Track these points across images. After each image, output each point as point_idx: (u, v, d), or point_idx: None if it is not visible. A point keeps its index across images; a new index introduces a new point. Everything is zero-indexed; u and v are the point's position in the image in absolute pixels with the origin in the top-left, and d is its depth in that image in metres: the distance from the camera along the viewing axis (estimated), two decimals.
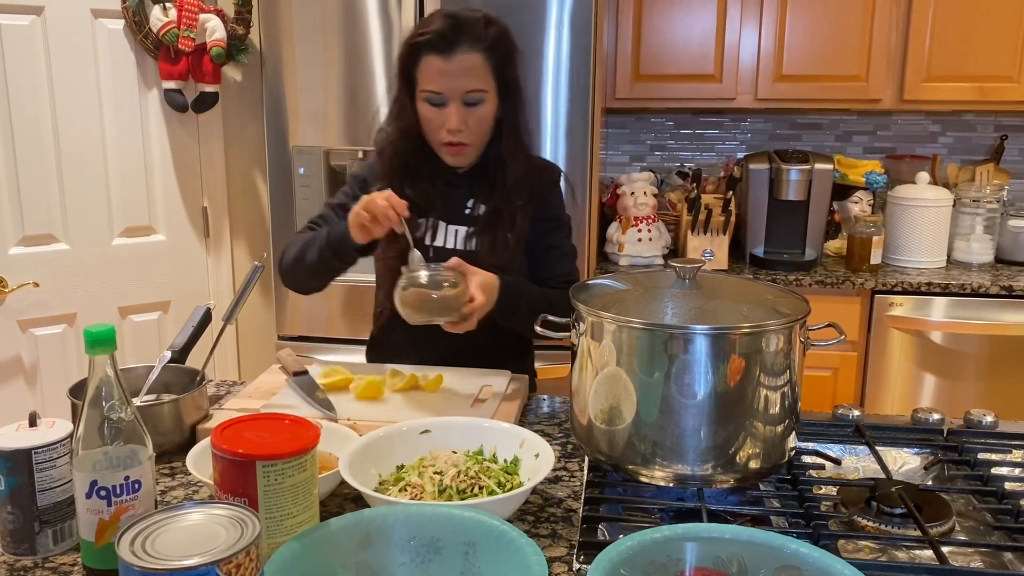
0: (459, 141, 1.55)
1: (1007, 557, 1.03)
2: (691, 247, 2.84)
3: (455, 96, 1.52)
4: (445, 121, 1.53)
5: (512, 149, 1.60)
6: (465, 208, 1.64)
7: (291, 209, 2.64)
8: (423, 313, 1.40)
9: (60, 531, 1.01)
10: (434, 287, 1.38)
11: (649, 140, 3.36)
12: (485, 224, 1.61)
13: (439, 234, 1.64)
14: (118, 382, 0.94)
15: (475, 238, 1.61)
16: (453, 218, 1.64)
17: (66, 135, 2.54)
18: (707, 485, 1.13)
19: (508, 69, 1.56)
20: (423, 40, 1.51)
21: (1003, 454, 1.29)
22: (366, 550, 0.89)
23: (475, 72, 1.51)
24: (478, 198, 1.63)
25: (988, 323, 2.65)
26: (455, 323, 1.42)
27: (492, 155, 1.62)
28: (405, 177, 1.60)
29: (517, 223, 1.60)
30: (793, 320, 1.10)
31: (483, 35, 1.51)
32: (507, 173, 1.60)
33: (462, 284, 1.41)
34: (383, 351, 1.74)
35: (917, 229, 2.84)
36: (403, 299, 1.40)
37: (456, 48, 1.49)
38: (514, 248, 1.60)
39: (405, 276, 1.40)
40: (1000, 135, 3.16)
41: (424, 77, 1.53)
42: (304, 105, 2.59)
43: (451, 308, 1.40)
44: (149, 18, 2.59)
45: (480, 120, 1.55)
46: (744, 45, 2.88)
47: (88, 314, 2.64)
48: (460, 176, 1.64)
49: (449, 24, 1.50)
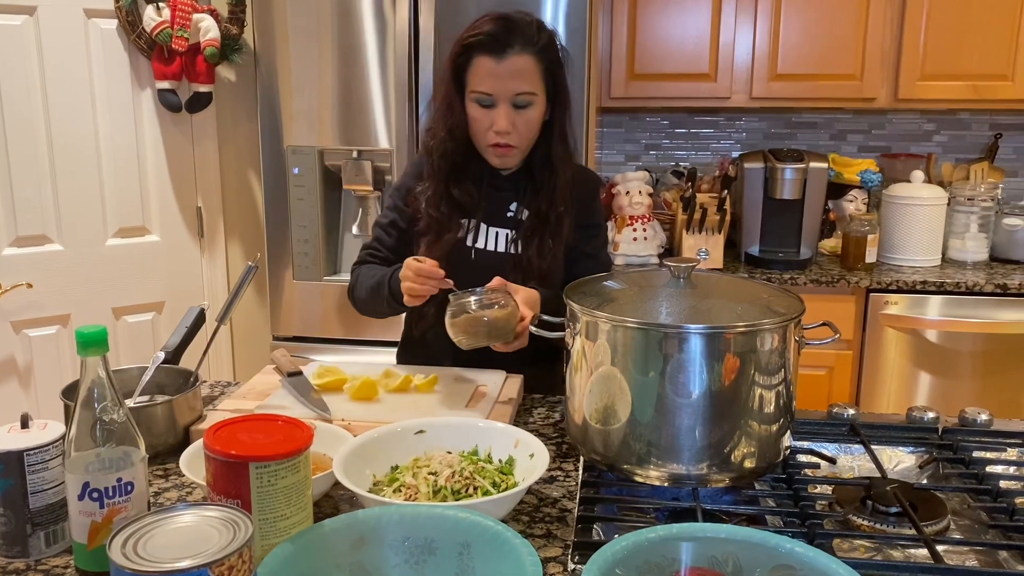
0: (506, 143, 1.55)
1: (1002, 555, 1.03)
2: (686, 246, 2.84)
3: (505, 98, 1.52)
4: (493, 122, 1.53)
5: (561, 154, 1.61)
6: (508, 211, 1.64)
7: (285, 209, 2.64)
8: (477, 338, 1.39)
9: (52, 533, 1.00)
10: (485, 310, 1.38)
11: (644, 139, 3.36)
12: (531, 228, 1.61)
13: (480, 236, 1.64)
14: (110, 383, 0.94)
15: (521, 242, 1.61)
16: (496, 220, 1.64)
17: (59, 135, 2.53)
18: (702, 484, 1.12)
19: (558, 73, 1.57)
20: (475, 40, 1.51)
21: (998, 452, 1.30)
22: (360, 551, 0.89)
23: (526, 74, 1.52)
24: (521, 202, 1.64)
25: (983, 321, 2.65)
26: (508, 343, 1.41)
27: (537, 158, 1.62)
28: (451, 177, 1.61)
29: (563, 228, 1.61)
30: (788, 319, 1.10)
31: (535, 38, 1.52)
32: (556, 178, 1.60)
33: (511, 304, 1.40)
34: (415, 351, 1.73)
35: (912, 228, 2.84)
36: (455, 326, 1.39)
37: (508, 50, 1.50)
38: (559, 254, 1.61)
39: (453, 303, 1.39)
40: (994, 134, 3.16)
41: (475, 78, 1.53)
42: (298, 105, 2.58)
43: (504, 330, 1.39)
44: (142, 18, 2.58)
45: (528, 123, 1.55)
46: (739, 44, 2.88)
47: (82, 315, 2.64)
48: (504, 179, 1.65)
49: (502, 25, 1.50)
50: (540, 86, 1.54)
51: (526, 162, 1.63)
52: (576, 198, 1.64)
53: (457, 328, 1.39)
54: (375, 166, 2.57)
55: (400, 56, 2.47)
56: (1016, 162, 3.20)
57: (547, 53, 1.54)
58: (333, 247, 2.67)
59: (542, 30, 1.54)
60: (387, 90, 2.52)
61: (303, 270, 2.65)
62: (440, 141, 1.60)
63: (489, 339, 1.40)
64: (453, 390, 1.48)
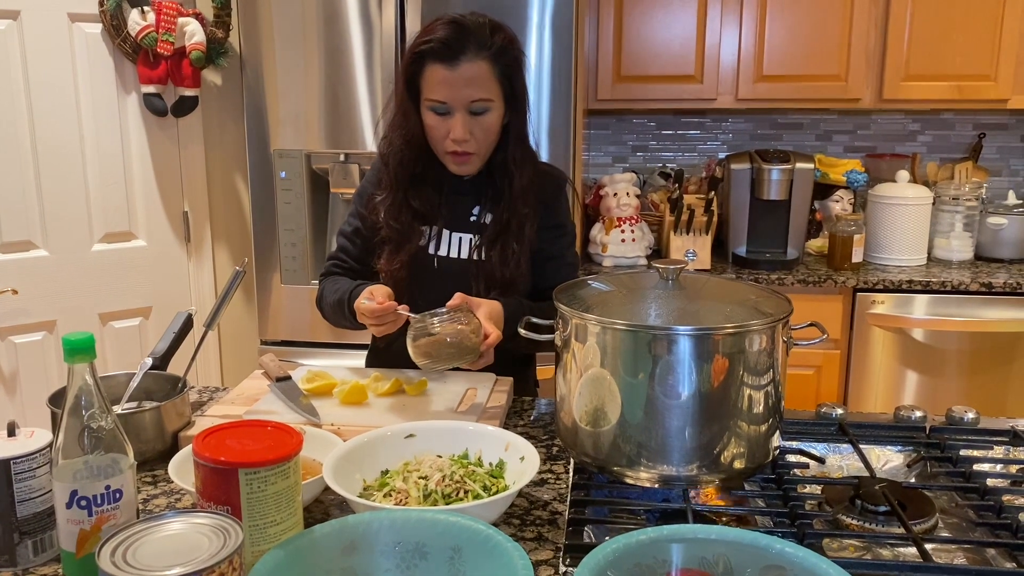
0: (464, 151, 1.52)
1: (990, 553, 1.03)
2: (674, 247, 2.85)
3: (460, 106, 1.48)
4: (450, 130, 1.50)
5: (519, 157, 1.57)
6: (470, 216, 1.62)
7: (273, 213, 2.63)
8: (441, 360, 1.35)
9: (40, 542, 1.00)
10: (446, 332, 1.34)
11: (631, 141, 3.37)
12: (494, 235, 1.58)
13: (443, 242, 1.61)
14: (98, 390, 0.93)
15: (484, 249, 1.59)
16: (458, 226, 1.62)
17: (44, 140, 2.51)
18: (692, 485, 1.13)
19: (515, 76, 1.52)
20: (427, 48, 1.47)
21: (985, 450, 1.30)
22: (351, 557, 0.89)
23: (480, 81, 1.47)
24: (484, 206, 1.61)
25: (968, 320, 2.67)
26: (472, 363, 1.39)
27: (498, 162, 1.59)
28: (410, 187, 1.58)
29: (525, 233, 1.58)
30: (776, 320, 1.11)
31: (488, 42, 1.47)
32: (513, 182, 1.57)
33: (473, 322, 1.37)
34: (382, 359, 1.70)
35: (898, 227, 2.86)
36: (417, 348, 1.35)
37: (461, 56, 1.46)
38: (523, 259, 1.58)
39: (414, 326, 1.35)
40: (978, 133, 3.19)
41: (428, 86, 1.49)
42: (285, 108, 2.58)
43: (468, 350, 1.36)
44: (127, 22, 2.57)
45: (486, 129, 1.52)
46: (724, 46, 2.90)
47: (68, 321, 2.62)
48: (466, 183, 1.62)
49: (453, 31, 1.46)
50: (496, 91, 1.50)
51: (487, 165, 1.60)
52: (539, 200, 1.61)
53: (419, 351, 1.35)
54: (362, 169, 2.56)
55: (387, 58, 2.47)
56: (999, 161, 3.23)
57: (502, 57, 1.49)
58: (321, 251, 2.66)
59: (496, 32, 1.49)
60: (374, 93, 2.52)
61: (291, 274, 2.64)
62: (397, 150, 1.57)
63: (453, 360, 1.36)
64: (443, 393, 1.48)
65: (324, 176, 2.61)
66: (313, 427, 1.27)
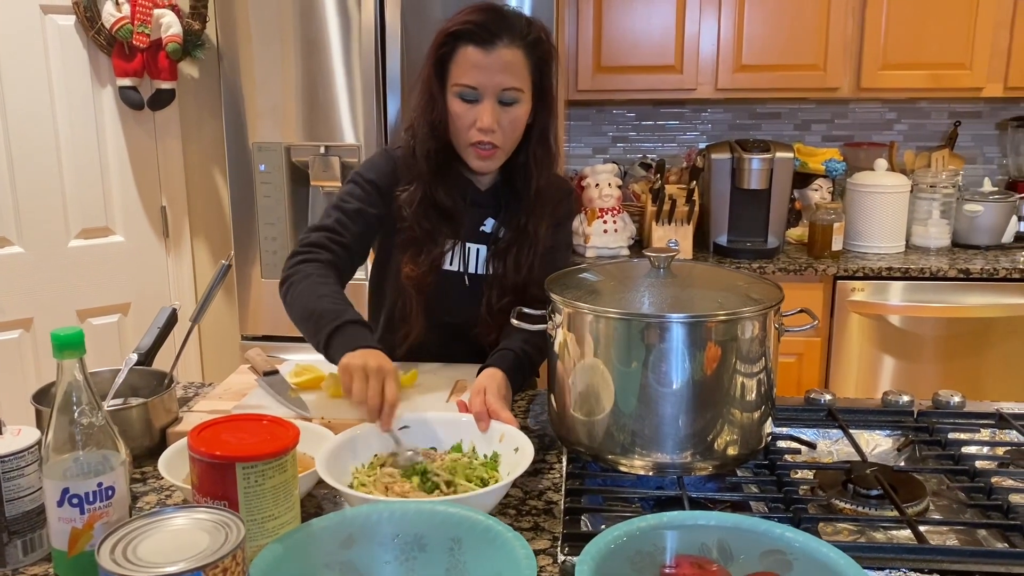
0: (490, 141, 1.45)
1: (981, 534, 1.05)
2: (656, 237, 2.85)
3: (491, 92, 1.43)
4: (477, 119, 1.44)
5: (540, 156, 1.53)
6: (481, 226, 1.58)
7: (252, 206, 2.60)
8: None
9: (30, 541, 0.98)
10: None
11: (611, 132, 3.37)
12: (509, 241, 1.55)
13: (456, 256, 1.56)
14: (87, 386, 0.92)
15: (497, 256, 1.56)
16: (471, 236, 1.57)
17: (17, 135, 2.47)
18: (686, 473, 1.13)
19: (546, 71, 1.49)
20: (463, 29, 1.42)
21: (972, 433, 1.32)
22: (350, 549, 0.88)
23: (515, 69, 1.43)
24: (497, 218, 1.58)
25: (946, 306, 2.70)
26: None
27: (519, 164, 1.54)
28: (439, 180, 1.52)
29: (540, 237, 1.55)
30: (768, 307, 1.11)
31: (526, 31, 1.44)
32: (531, 183, 1.53)
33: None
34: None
35: (876, 215, 2.88)
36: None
37: (498, 41, 1.41)
38: (536, 262, 1.55)
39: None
40: (954, 122, 3.22)
41: (459, 69, 1.43)
42: (263, 101, 2.55)
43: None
44: (101, 13, 2.53)
45: (513, 122, 1.46)
46: (704, 36, 2.90)
47: (45, 318, 2.58)
48: (482, 194, 1.58)
49: (492, 15, 1.43)
50: (528, 83, 1.45)
51: (503, 173, 1.56)
52: (551, 202, 1.58)
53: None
54: (343, 162, 2.54)
55: (366, 50, 2.45)
56: (974, 149, 3.26)
57: (536, 49, 1.45)
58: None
59: (532, 24, 1.46)
60: (353, 85, 2.50)
61: (272, 268, 2.62)
62: (423, 139, 1.50)
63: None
64: (434, 384, 1.47)
65: (304, 169, 2.59)
66: (303, 421, 1.25)
